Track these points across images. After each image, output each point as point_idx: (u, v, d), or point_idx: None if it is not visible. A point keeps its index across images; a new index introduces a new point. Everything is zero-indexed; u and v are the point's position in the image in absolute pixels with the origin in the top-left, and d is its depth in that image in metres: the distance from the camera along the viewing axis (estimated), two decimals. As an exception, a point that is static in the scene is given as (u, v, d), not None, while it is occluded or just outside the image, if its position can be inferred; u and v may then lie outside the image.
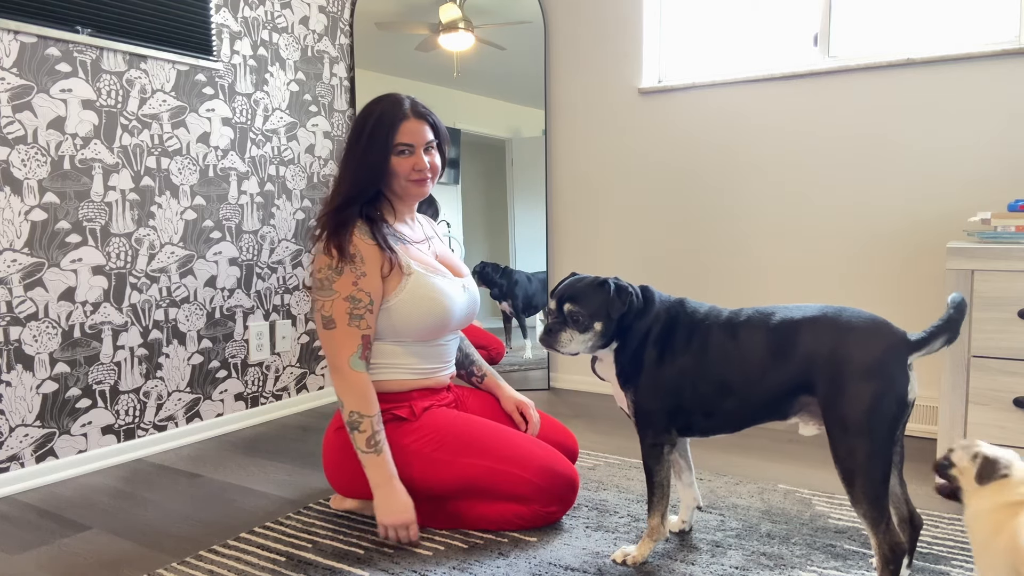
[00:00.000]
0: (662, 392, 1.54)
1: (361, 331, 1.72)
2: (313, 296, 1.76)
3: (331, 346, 1.73)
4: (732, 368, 1.48)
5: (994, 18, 2.49)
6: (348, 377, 1.71)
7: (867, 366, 1.34)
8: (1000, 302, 1.95)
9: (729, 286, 2.94)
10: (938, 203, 2.53)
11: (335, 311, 1.71)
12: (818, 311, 1.44)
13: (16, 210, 2.16)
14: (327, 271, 1.73)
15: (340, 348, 1.71)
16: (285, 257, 2.98)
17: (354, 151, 1.80)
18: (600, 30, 3.14)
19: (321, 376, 3.17)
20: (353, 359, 1.71)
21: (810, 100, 2.73)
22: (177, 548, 1.76)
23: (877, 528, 1.33)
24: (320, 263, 1.74)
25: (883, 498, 1.33)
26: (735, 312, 1.54)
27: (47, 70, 2.21)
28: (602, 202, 3.21)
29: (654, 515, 1.62)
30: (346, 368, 1.71)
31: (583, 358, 3.30)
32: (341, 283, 1.71)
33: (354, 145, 1.81)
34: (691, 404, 1.54)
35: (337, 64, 3.18)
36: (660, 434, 1.58)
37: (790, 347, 1.43)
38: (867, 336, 1.37)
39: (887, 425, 1.33)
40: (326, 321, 1.72)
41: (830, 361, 1.38)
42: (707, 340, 1.51)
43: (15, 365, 2.17)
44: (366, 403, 1.71)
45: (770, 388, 1.45)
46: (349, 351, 1.71)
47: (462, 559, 1.66)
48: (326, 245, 1.73)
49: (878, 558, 1.34)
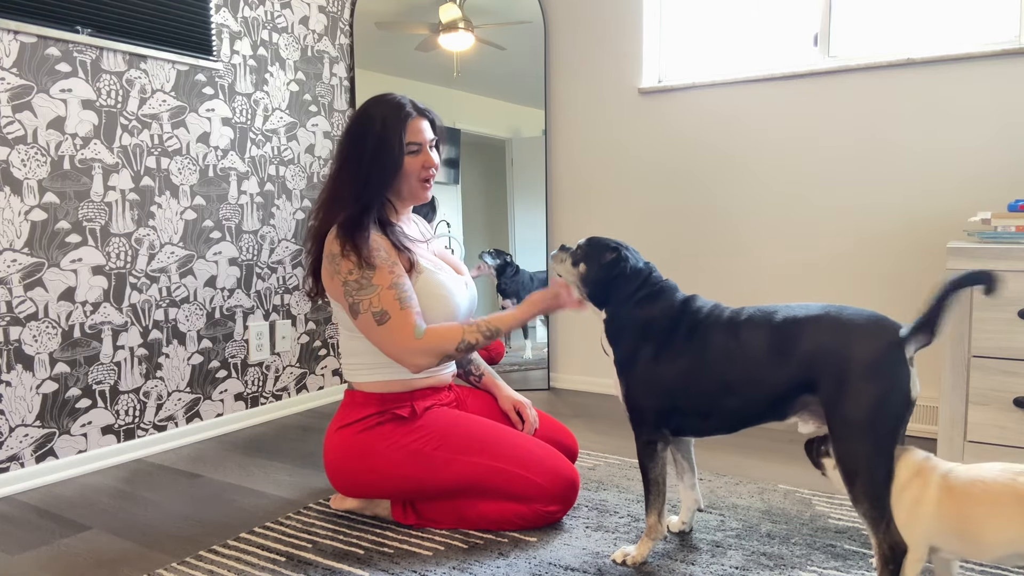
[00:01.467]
0: (655, 392, 1.55)
1: (413, 310, 1.71)
2: (354, 300, 1.71)
3: (392, 336, 1.69)
4: (733, 367, 1.48)
5: (994, 18, 2.49)
6: (423, 346, 1.69)
7: (870, 364, 1.34)
8: (1000, 302, 1.95)
9: (729, 286, 2.94)
10: (938, 203, 2.53)
11: (385, 303, 1.69)
12: (820, 310, 1.44)
13: (16, 210, 2.16)
14: (357, 272, 1.70)
15: (402, 333, 1.69)
16: (285, 257, 2.98)
17: (361, 154, 1.77)
18: (600, 30, 3.14)
19: (321, 376, 3.17)
20: (416, 332, 1.70)
21: (810, 100, 2.73)
22: (177, 548, 1.76)
23: (877, 527, 1.33)
24: (344, 268, 1.71)
25: (884, 497, 1.33)
26: (736, 311, 1.53)
27: (47, 70, 2.21)
28: (602, 202, 3.21)
29: (651, 513, 1.62)
30: (416, 343, 1.69)
31: (583, 359, 3.30)
32: (379, 276, 1.70)
33: (360, 148, 1.77)
34: (687, 405, 1.54)
35: (337, 64, 3.18)
36: (652, 432, 1.59)
37: (792, 345, 1.43)
38: (869, 334, 1.36)
39: (891, 424, 1.33)
40: (379, 316, 1.69)
41: (833, 360, 1.38)
42: (707, 339, 1.51)
43: (15, 365, 2.17)
44: (452, 339, 1.71)
45: (771, 387, 1.45)
46: (410, 329, 1.69)
47: (462, 559, 1.66)
48: (344, 249, 1.71)
49: (878, 557, 1.34)
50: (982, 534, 1.24)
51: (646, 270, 1.63)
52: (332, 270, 1.74)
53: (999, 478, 1.25)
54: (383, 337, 1.70)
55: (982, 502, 1.25)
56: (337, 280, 1.73)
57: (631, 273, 1.61)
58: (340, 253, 1.72)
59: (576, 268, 1.66)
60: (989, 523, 1.24)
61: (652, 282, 1.62)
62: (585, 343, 3.29)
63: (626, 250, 1.64)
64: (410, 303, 1.71)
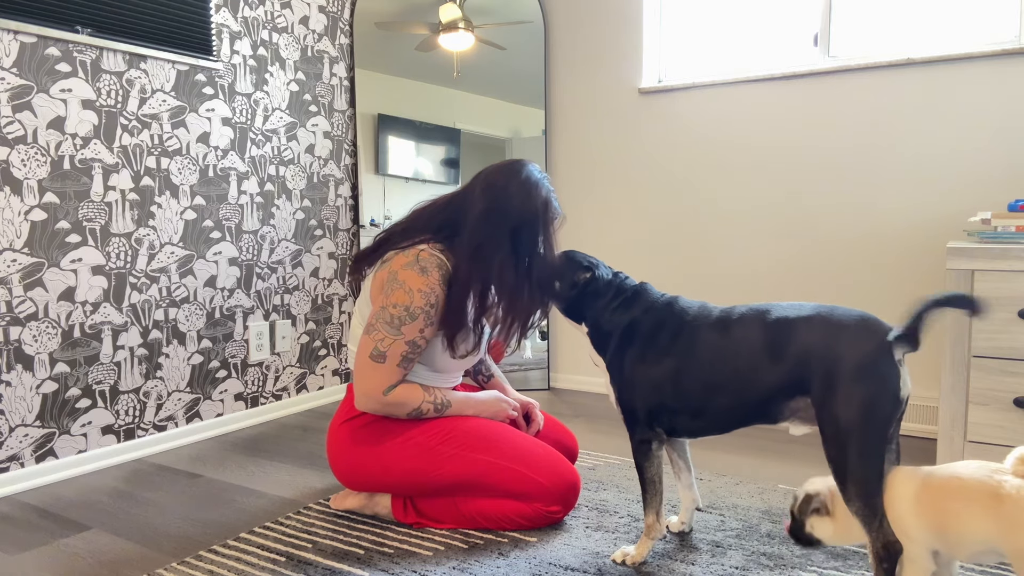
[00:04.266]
0: (643, 390, 1.57)
1: (404, 371, 1.75)
2: (374, 323, 1.72)
3: (370, 376, 1.72)
4: (723, 366, 1.48)
5: (994, 18, 2.49)
6: (382, 400, 1.74)
7: (859, 365, 1.34)
8: (1000, 302, 1.95)
9: (728, 285, 2.94)
10: (938, 203, 2.53)
11: (392, 350, 1.72)
12: (811, 310, 1.44)
13: (16, 210, 2.16)
14: (401, 310, 1.71)
15: (379, 381, 1.72)
16: (285, 257, 2.98)
17: (517, 250, 1.72)
18: (600, 30, 3.14)
19: (321, 376, 3.17)
20: (387, 389, 1.74)
21: (810, 100, 2.73)
22: (177, 548, 1.76)
23: (870, 526, 1.34)
24: (395, 298, 1.71)
25: (875, 496, 1.33)
26: (727, 310, 1.54)
27: (47, 70, 2.21)
28: (602, 202, 3.21)
29: (649, 512, 1.63)
30: (378, 395, 1.73)
31: (583, 360, 3.30)
32: (411, 328, 1.71)
33: (516, 244, 1.72)
34: (676, 403, 1.55)
35: (337, 64, 3.18)
36: (645, 431, 1.60)
37: (782, 346, 1.43)
38: (859, 335, 1.37)
39: (880, 424, 1.34)
40: (377, 355, 1.72)
41: (823, 360, 1.38)
42: (695, 338, 1.52)
43: (15, 365, 2.17)
44: (406, 405, 1.76)
45: (761, 386, 1.45)
46: (386, 384, 1.73)
47: (462, 559, 1.66)
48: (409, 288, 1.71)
49: (872, 556, 1.34)
50: (958, 530, 1.25)
51: (616, 280, 1.68)
52: (391, 287, 1.73)
53: (975, 475, 1.26)
54: (364, 370, 1.73)
55: (957, 498, 1.26)
56: (381, 300, 1.74)
57: (603, 287, 1.67)
58: (416, 288, 1.71)
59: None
60: (963, 519, 1.25)
61: (624, 288, 1.66)
62: (585, 344, 3.29)
63: (597, 268, 1.69)
64: (408, 366, 1.75)
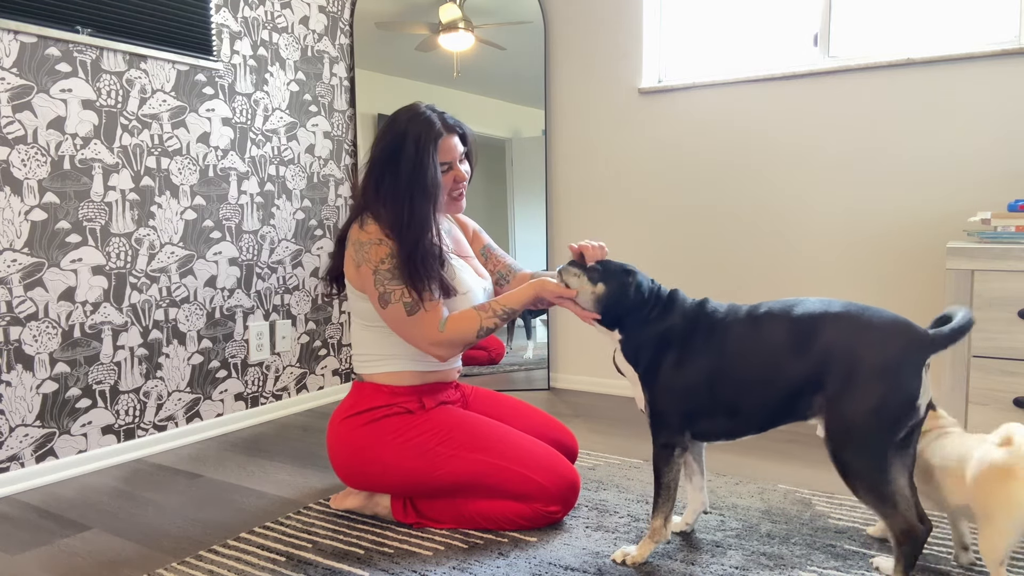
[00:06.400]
0: (679, 394, 1.55)
1: (439, 303, 1.76)
2: (385, 289, 1.74)
3: (420, 328, 1.73)
4: (753, 360, 1.48)
5: (994, 18, 2.49)
6: (446, 338, 1.73)
7: (879, 366, 1.34)
8: (1000, 302, 1.95)
9: (729, 285, 2.94)
10: (938, 203, 2.53)
11: (415, 294, 1.73)
12: (842, 307, 1.44)
13: (16, 210, 2.16)
14: (390, 260, 1.73)
15: (430, 326, 1.73)
16: (285, 257, 2.98)
17: (397, 174, 1.76)
18: (600, 30, 3.14)
19: (321, 376, 3.17)
20: (441, 324, 1.74)
21: (810, 100, 2.73)
22: (177, 548, 1.76)
23: (884, 515, 1.35)
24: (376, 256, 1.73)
25: (882, 485, 1.34)
26: (753, 306, 1.55)
27: (47, 70, 2.21)
28: (602, 202, 3.21)
29: (658, 517, 1.62)
30: (440, 336, 1.73)
31: (583, 359, 3.30)
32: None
33: (395, 167, 1.77)
34: (712, 405, 1.53)
35: (337, 64, 3.18)
36: (673, 435, 1.58)
37: (809, 341, 1.43)
38: (885, 336, 1.36)
39: (886, 424, 1.34)
40: (410, 307, 1.73)
41: (844, 358, 1.38)
42: (726, 337, 1.52)
43: (15, 365, 2.17)
44: (471, 328, 1.74)
45: (789, 381, 1.44)
46: (437, 322, 1.73)
47: (462, 559, 1.66)
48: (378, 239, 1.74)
49: (893, 543, 1.38)
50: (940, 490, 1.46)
51: (655, 287, 1.65)
52: (360, 259, 1.76)
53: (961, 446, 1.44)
54: (410, 328, 1.74)
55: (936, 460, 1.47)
56: (366, 268, 1.75)
57: (647, 295, 1.63)
58: (372, 241, 1.74)
59: (593, 287, 1.64)
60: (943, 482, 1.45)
61: (661, 296, 1.63)
62: (585, 343, 3.29)
63: (637, 274, 1.65)
64: (436, 296, 1.76)
